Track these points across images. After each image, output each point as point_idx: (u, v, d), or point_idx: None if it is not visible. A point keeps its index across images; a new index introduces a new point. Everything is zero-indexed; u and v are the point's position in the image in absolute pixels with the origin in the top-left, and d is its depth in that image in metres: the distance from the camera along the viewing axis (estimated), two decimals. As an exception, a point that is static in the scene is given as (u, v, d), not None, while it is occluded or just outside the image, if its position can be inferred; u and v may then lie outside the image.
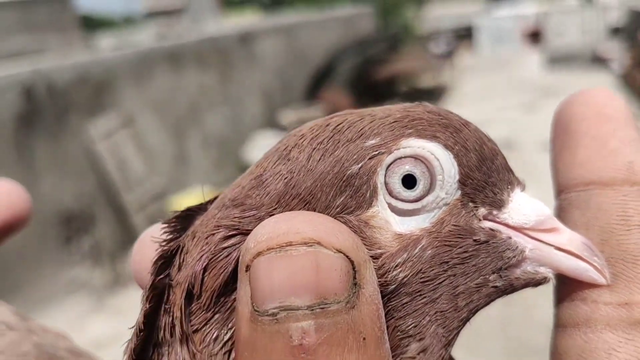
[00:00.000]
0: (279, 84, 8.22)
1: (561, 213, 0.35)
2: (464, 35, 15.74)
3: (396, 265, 0.30)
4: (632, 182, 0.33)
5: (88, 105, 5.04)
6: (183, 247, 0.32)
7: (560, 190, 0.35)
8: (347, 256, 0.26)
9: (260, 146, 6.32)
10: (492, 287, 0.32)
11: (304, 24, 9.76)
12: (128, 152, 5.28)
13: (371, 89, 10.05)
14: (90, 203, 4.95)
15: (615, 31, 11.91)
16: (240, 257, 0.27)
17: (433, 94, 10.58)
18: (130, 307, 4.62)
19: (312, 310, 0.25)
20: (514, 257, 0.32)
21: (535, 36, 13.82)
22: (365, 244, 0.29)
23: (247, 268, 0.26)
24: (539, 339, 3.50)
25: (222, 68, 7.00)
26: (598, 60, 11.31)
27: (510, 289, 0.32)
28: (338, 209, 0.30)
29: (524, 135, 7.33)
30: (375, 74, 10.31)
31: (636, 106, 8.06)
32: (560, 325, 0.33)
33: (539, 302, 3.84)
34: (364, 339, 0.25)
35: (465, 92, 10.72)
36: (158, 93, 5.87)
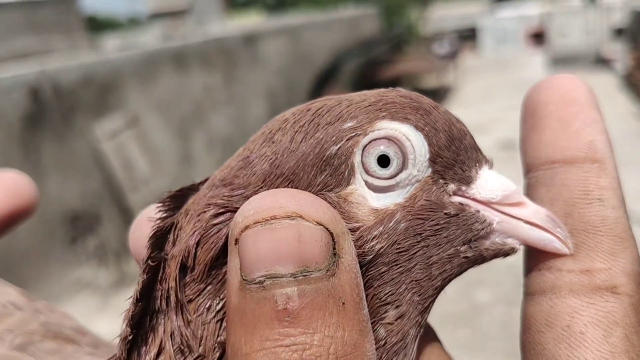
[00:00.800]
0: (283, 84, 8.23)
1: (529, 190, 0.38)
2: (468, 36, 15.72)
3: (373, 237, 0.32)
4: (593, 159, 0.35)
5: (93, 105, 5.06)
6: (177, 224, 0.35)
7: (528, 169, 0.38)
8: (326, 228, 0.28)
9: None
10: (464, 257, 0.34)
11: (308, 25, 9.77)
12: (133, 152, 5.30)
13: (376, 88, 10.06)
14: (96, 203, 4.97)
15: (619, 32, 11.88)
16: (230, 231, 0.30)
17: (436, 95, 10.57)
18: (135, 306, 4.62)
19: (295, 277, 0.27)
20: (483, 229, 0.34)
21: (538, 37, 13.79)
22: (344, 218, 0.32)
23: (236, 241, 0.28)
24: (541, 338, 3.50)
25: (227, 69, 7.01)
26: (601, 61, 11.29)
27: (480, 259, 0.35)
28: (319, 187, 0.33)
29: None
30: (379, 75, 10.31)
31: (639, 106, 8.05)
32: (529, 293, 0.36)
33: (542, 301, 3.84)
34: (343, 303, 0.28)
35: (468, 93, 10.71)
36: (163, 93, 5.89)
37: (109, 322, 4.35)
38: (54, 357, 0.41)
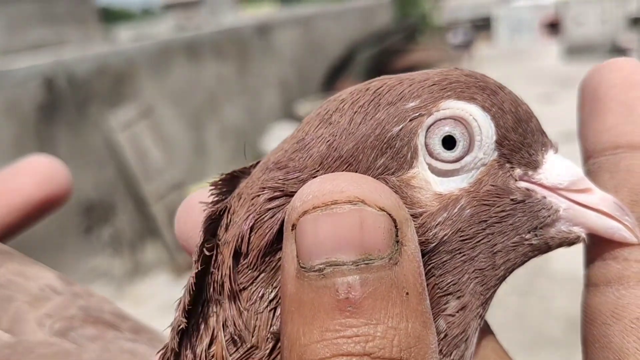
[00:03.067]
0: (296, 75, 8.21)
1: (590, 177, 0.36)
2: (482, 25, 15.59)
3: (436, 224, 0.31)
4: None
5: (107, 96, 5.07)
6: (230, 208, 0.33)
7: (589, 155, 0.36)
8: (389, 214, 0.27)
9: (278, 137, 6.32)
10: (528, 245, 0.33)
11: (322, 15, 9.73)
12: (147, 142, 5.31)
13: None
14: (110, 193, 4.99)
15: (635, 21, 11.74)
16: (286, 217, 0.28)
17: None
18: (149, 295, 4.66)
19: (357, 265, 0.26)
20: (549, 216, 0.33)
21: (553, 26, 13.66)
22: (406, 204, 0.30)
23: (293, 226, 0.27)
24: (555, 329, 3.48)
25: (240, 59, 7.01)
26: (617, 51, 11.16)
27: (545, 247, 0.34)
28: (379, 170, 0.31)
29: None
30: (393, 65, 10.26)
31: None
32: (591, 285, 0.34)
33: (555, 293, 3.83)
34: (407, 293, 0.26)
35: (483, 83, 10.62)
36: (176, 84, 5.90)
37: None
38: (95, 343, 0.40)
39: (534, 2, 14.71)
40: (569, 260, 4.19)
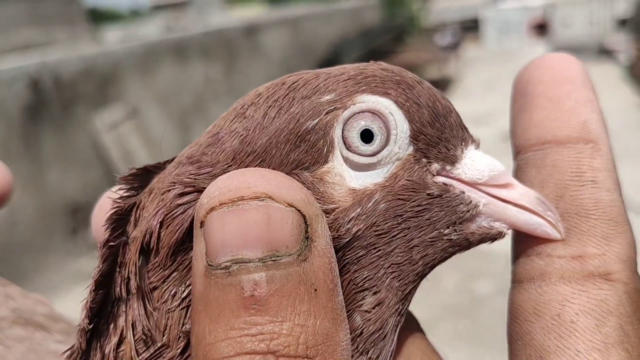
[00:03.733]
0: (284, 75, 8.22)
1: (518, 173, 0.36)
2: (470, 27, 15.65)
3: (350, 219, 0.30)
4: (586, 140, 0.33)
5: (94, 97, 5.06)
6: (139, 204, 0.32)
7: (518, 151, 0.36)
8: (298, 210, 0.26)
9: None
10: (447, 240, 0.32)
11: (309, 16, 9.75)
12: (133, 143, 5.29)
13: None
14: (96, 194, 4.92)
15: (622, 23, 11.84)
16: (195, 213, 0.27)
17: (438, 86, 10.54)
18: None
19: (264, 262, 0.25)
20: (468, 211, 0.32)
21: (541, 28, 13.74)
22: (318, 199, 0.30)
23: (202, 224, 0.26)
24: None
25: (227, 60, 7.00)
26: (605, 52, 11.24)
27: (466, 243, 0.33)
28: (292, 165, 0.31)
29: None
30: (380, 66, 10.30)
31: (642, 98, 8.02)
32: (516, 281, 0.34)
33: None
34: (315, 290, 0.26)
35: (470, 84, 10.67)
36: (163, 85, 5.88)
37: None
38: (22, 344, 0.40)
39: (521, 3, 14.79)
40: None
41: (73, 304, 0.50)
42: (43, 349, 0.40)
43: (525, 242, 0.34)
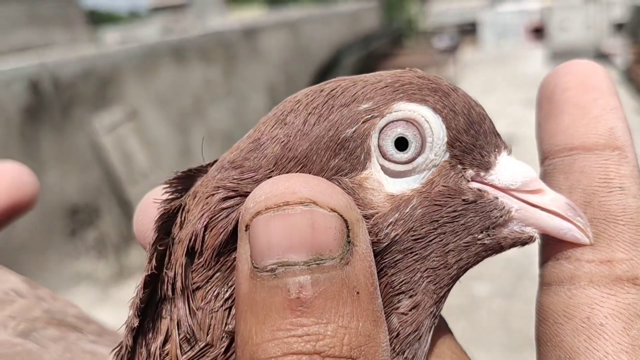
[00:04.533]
0: (283, 78, 8.21)
1: (546, 178, 0.36)
2: (468, 30, 15.68)
3: (388, 224, 0.31)
4: (613, 146, 0.34)
5: (93, 98, 5.05)
6: (184, 206, 0.33)
7: (545, 157, 0.37)
8: (341, 215, 0.27)
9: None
10: (481, 245, 0.33)
11: (308, 19, 9.75)
12: (132, 145, 5.29)
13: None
14: (95, 196, 4.97)
15: (619, 27, 11.87)
16: (240, 217, 0.28)
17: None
18: (134, 298, 4.63)
19: (309, 265, 0.26)
20: (501, 216, 0.33)
21: (538, 32, 13.77)
22: (358, 205, 0.31)
23: (247, 227, 0.27)
24: (539, 331, 3.52)
25: (227, 62, 7.00)
26: (601, 56, 11.27)
27: (498, 247, 0.34)
28: (332, 171, 0.32)
29: (526, 129, 7.31)
30: (378, 69, 10.30)
31: (639, 100, 8.04)
32: (545, 284, 0.35)
33: (540, 295, 3.85)
34: (358, 293, 0.27)
35: (468, 87, 10.64)
36: (162, 87, 5.88)
37: (108, 314, 4.36)
38: (57, 344, 0.41)
39: (519, 7, 14.81)
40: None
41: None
42: (78, 348, 0.41)
43: (554, 247, 0.35)
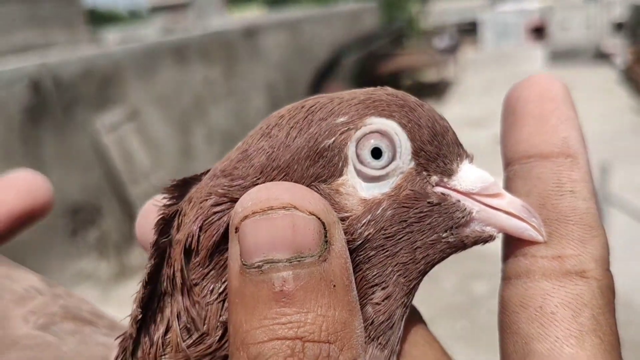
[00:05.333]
0: (283, 78, 8.23)
1: (508, 183, 0.40)
2: (468, 30, 15.69)
3: (362, 225, 0.35)
4: (567, 154, 0.38)
5: (94, 98, 5.07)
6: (181, 211, 0.37)
7: (507, 163, 0.41)
8: (318, 218, 0.31)
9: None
10: (445, 242, 0.37)
11: (309, 18, 9.77)
12: (133, 145, 5.31)
13: (375, 83, 10.02)
14: (97, 195, 4.99)
15: (619, 27, 11.89)
16: (230, 220, 0.32)
17: (437, 88, 10.57)
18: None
19: (291, 262, 0.30)
20: (463, 217, 0.37)
21: (538, 31, 13.78)
22: (334, 208, 0.34)
23: (237, 229, 0.31)
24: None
25: (227, 62, 7.02)
26: (601, 56, 11.29)
27: (461, 245, 0.37)
28: (312, 178, 0.35)
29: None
30: (379, 69, 10.31)
31: (638, 101, 8.05)
32: (505, 278, 0.38)
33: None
34: (334, 286, 0.30)
35: (468, 87, 10.71)
36: (163, 87, 5.90)
37: (110, 313, 4.36)
38: (74, 336, 0.44)
39: (519, 7, 14.83)
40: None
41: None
42: (93, 340, 0.44)
43: (513, 244, 0.38)
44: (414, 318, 0.41)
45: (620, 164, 5.60)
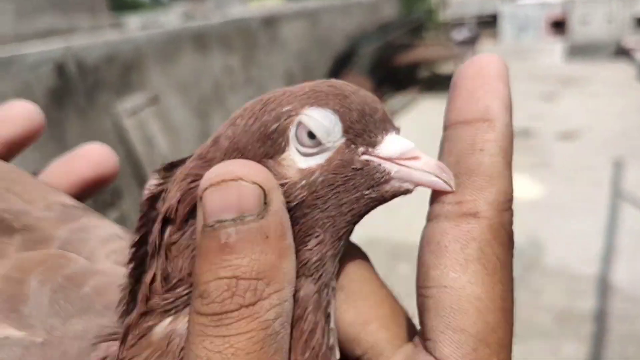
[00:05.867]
0: (301, 67, 8.25)
1: (440, 146, 0.47)
2: (488, 22, 15.55)
3: (297, 188, 0.42)
4: (485, 119, 0.44)
5: (116, 83, 5.13)
6: (167, 189, 0.46)
7: (443, 129, 0.47)
8: (260, 185, 0.38)
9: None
10: (368, 198, 0.44)
11: (327, 8, 9.76)
12: (153, 129, 5.38)
13: (392, 74, 10.01)
14: (118, 177, 5.02)
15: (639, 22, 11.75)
16: (198, 192, 0.39)
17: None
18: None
19: (234, 221, 0.37)
20: (382, 177, 0.44)
21: (558, 25, 13.66)
22: (276, 177, 0.42)
23: (201, 198, 0.38)
24: (545, 321, 3.54)
25: (246, 51, 7.06)
26: (622, 52, 11.19)
27: (381, 198, 0.45)
28: (262, 156, 0.43)
29: (543, 124, 7.31)
30: (396, 60, 10.29)
31: (656, 97, 7.98)
32: (427, 220, 0.45)
33: (546, 286, 3.91)
34: (267, 237, 0.37)
35: (486, 80, 10.60)
36: (183, 73, 5.95)
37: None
38: None
39: (540, 0, 14.67)
40: (561, 256, 4.26)
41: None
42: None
43: (432, 196, 0.45)
44: (360, 260, 0.48)
45: (636, 161, 5.60)
